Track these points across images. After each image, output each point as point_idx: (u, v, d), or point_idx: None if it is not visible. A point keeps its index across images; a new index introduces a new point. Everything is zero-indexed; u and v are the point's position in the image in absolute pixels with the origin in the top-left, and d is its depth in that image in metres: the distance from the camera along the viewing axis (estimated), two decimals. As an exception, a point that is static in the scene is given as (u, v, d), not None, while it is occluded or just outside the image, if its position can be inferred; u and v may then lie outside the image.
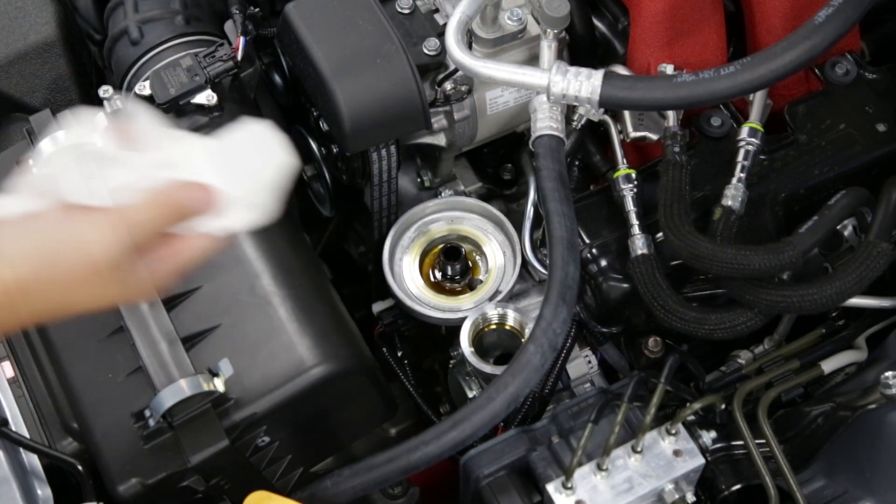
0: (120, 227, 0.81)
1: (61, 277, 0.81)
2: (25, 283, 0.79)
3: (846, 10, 1.06)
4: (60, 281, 0.81)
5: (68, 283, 0.81)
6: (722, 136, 1.27)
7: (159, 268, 0.85)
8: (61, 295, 0.82)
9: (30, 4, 1.44)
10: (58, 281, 0.81)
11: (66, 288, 0.81)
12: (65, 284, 0.81)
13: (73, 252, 0.80)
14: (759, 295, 1.11)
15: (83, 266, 0.81)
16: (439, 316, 1.28)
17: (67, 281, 0.81)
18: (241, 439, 1.09)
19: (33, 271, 0.80)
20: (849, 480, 1.11)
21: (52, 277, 0.80)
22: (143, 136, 0.83)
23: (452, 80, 1.29)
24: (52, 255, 0.80)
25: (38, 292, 0.81)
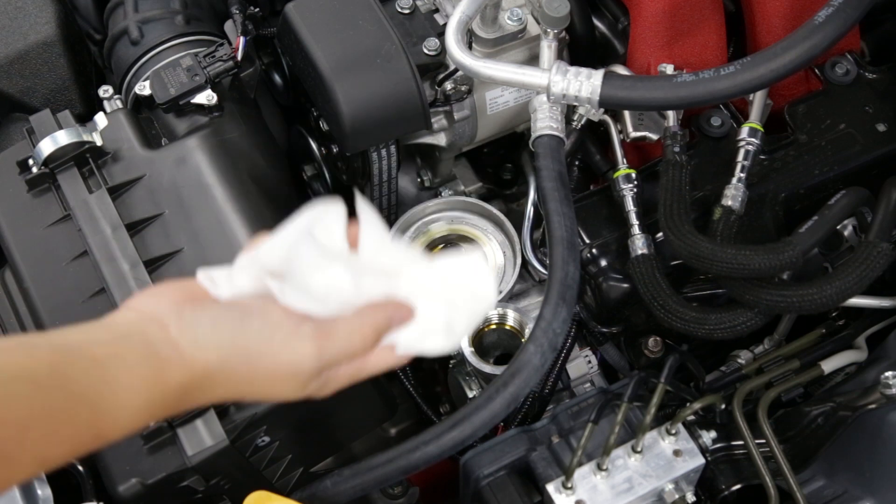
0: (326, 348, 0.82)
1: (252, 376, 0.82)
2: (212, 371, 0.80)
3: (846, 10, 1.06)
4: (249, 379, 0.82)
5: (257, 381, 0.82)
6: (722, 135, 1.27)
7: (343, 375, 0.87)
8: (245, 388, 0.83)
9: (30, 4, 1.44)
10: (247, 378, 0.82)
11: (252, 385, 0.83)
12: (253, 382, 0.82)
13: (275, 357, 0.81)
14: (759, 295, 1.11)
15: (279, 371, 0.82)
16: (439, 316, 1.28)
17: (257, 380, 0.82)
18: (241, 439, 1.08)
19: (223, 363, 0.80)
20: (849, 480, 1.11)
21: (243, 374, 0.81)
22: (368, 243, 0.84)
23: (452, 80, 1.29)
24: (251, 353, 0.81)
25: (224, 382, 0.81)
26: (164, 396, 0.78)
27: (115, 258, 1.13)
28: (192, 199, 1.17)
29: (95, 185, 1.18)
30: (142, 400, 0.77)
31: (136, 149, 1.21)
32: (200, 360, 0.79)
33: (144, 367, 0.77)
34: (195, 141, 1.22)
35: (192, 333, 0.79)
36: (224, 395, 0.83)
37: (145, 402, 0.77)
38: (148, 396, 0.77)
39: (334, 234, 0.83)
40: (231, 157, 1.22)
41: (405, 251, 0.87)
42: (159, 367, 0.77)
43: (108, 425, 0.76)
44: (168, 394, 0.78)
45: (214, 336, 0.80)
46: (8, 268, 1.20)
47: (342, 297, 0.83)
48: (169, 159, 1.20)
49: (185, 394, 0.79)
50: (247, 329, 0.81)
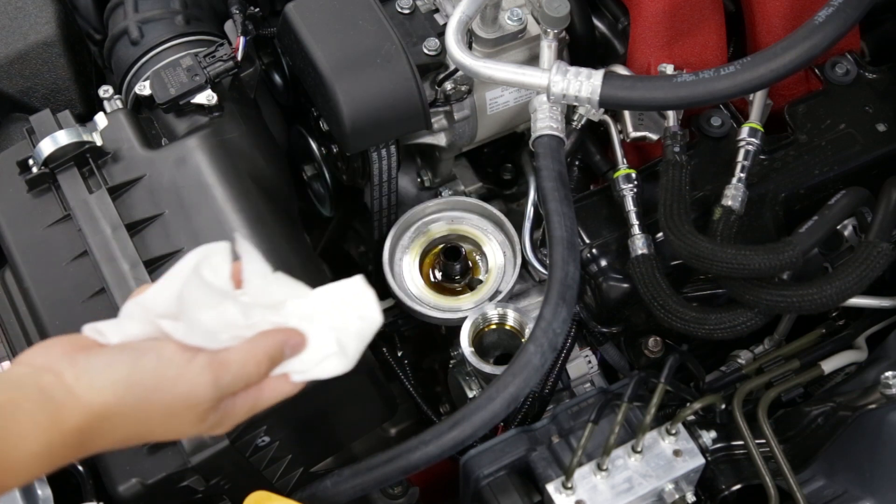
0: (221, 377, 0.83)
1: (149, 412, 0.82)
2: (110, 412, 0.80)
3: (846, 10, 1.06)
4: (147, 415, 0.82)
5: (155, 418, 0.82)
6: (722, 135, 1.27)
7: (240, 406, 0.87)
8: (144, 427, 0.83)
9: (30, 4, 1.44)
10: (145, 414, 0.82)
11: (151, 421, 0.83)
12: (151, 418, 0.82)
13: (170, 391, 0.82)
14: (759, 295, 1.11)
15: (176, 405, 0.82)
16: (439, 316, 1.28)
17: (155, 416, 0.82)
18: (241, 439, 1.08)
19: (119, 402, 0.80)
20: (849, 480, 1.11)
21: (141, 410, 0.82)
22: (252, 279, 0.86)
23: (452, 80, 1.29)
24: (147, 390, 0.81)
25: (122, 421, 0.81)
26: (62, 441, 0.78)
27: (115, 258, 1.13)
28: (192, 199, 1.17)
29: (95, 185, 1.18)
30: (38, 446, 0.77)
31: (136, 149, 1.21)
32: (97, 402, 0.79)
33: (39, 413, 0.77)
34: (195, 141, 1.22)
35: (87, 377, 0.80)
36: (125, 436, 0.83)
37: (42, 448, 0.77)
38: (45, 441, 0.77)
39: (220, 274, 0.85)
40: (231, 157, 1.22)
41: (289, 284, 0.89)
42: (55, 412, 0.78)
43: (4, 472, 0.76)
44: (66, 438, 0.78)
45: (109, 376, 0.80)
46: (8, 268, 1.20)
47: (233, 331, 0.85)
48: (169, 159, 1.20)
49: (83, 437, 0.79)
50: (141, 366, 0.81)
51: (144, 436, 0.85)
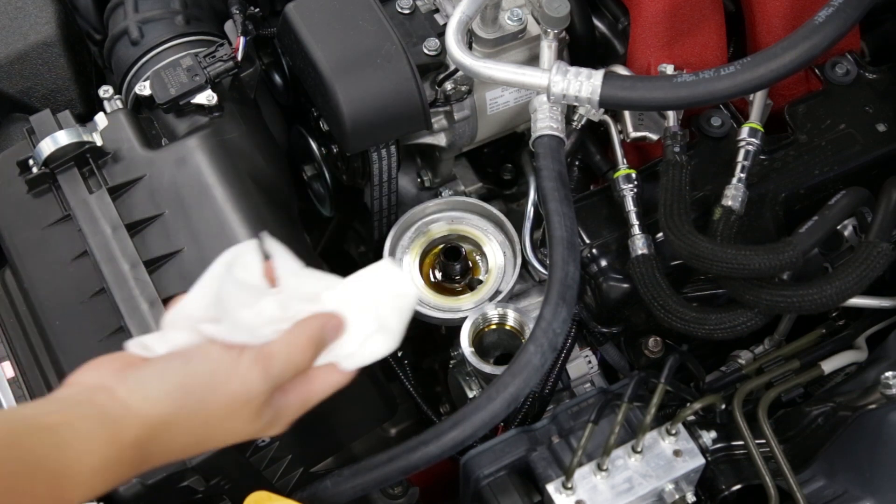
0: (270, 367, 0.84)
1: (206, 415, 0.82)
2: (167, 421, 0.80)
3: (846, 10, 1.06)
4: (205, 419, 0.83)
5: (213, 420, 0.83)
6: (722, 136, 1.27)
7: (293, 401, 0.88)
8: (203, 431, 0.84)
9: (30, 4, 1.44)
10: (202, 418, 0.82)
11: (209, 425, 0.83)
12: (209, 422, 0.83)
13: (224, 390, 0.82)
14: (759, 295, 1.11)
15: (232, 404, 0.83)
16: (439, 316, 1.28)
17: (213, 419, 0.83)
18: (242, 439, 1.09)
19: (176, 410, 0.81)
20: (849, 480, 1.11)
21: (198, 415, 0.82)
22: (285, 275, 0.88)
23: (452, 81, 1.29)
24: (201, 393, 0.82)
25: (181, 429, 0.82)
26: (121, 455, 0.78)
27: (115, 258, 1.13)
28: (192, 200, 1.17)
29: (95, 185, 1.18)
30: (99, 461, 0.77)
31: (136, 149, 1.21)
32: (153, 413, 0.80)
33: (98, 429, 0.78)
34: (195, 141, 1.22)
35: (140, 389, 0.80)
36: (184, 444, 0.84)
37: (102, 463, 0.77)
38: (105, 456, 0.77)
39: (253, 272, 0.86)
40: (231, 157, 1.22)
41: (321, 276, 0.90)
42: (112, 426, 0.78)
43: (68, 491, 0.76)
44: (125, 453, 0.79)
45: (162, 386, 0.81)
46: (8, 268, 1.20)
47: (274, 325, 0.86)
48: (169, 159, 1.20)
49: (143, 451, 0.80)
50: (192, 371, 0.82)
51: (203, 441, 0.85)
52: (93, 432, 0.77)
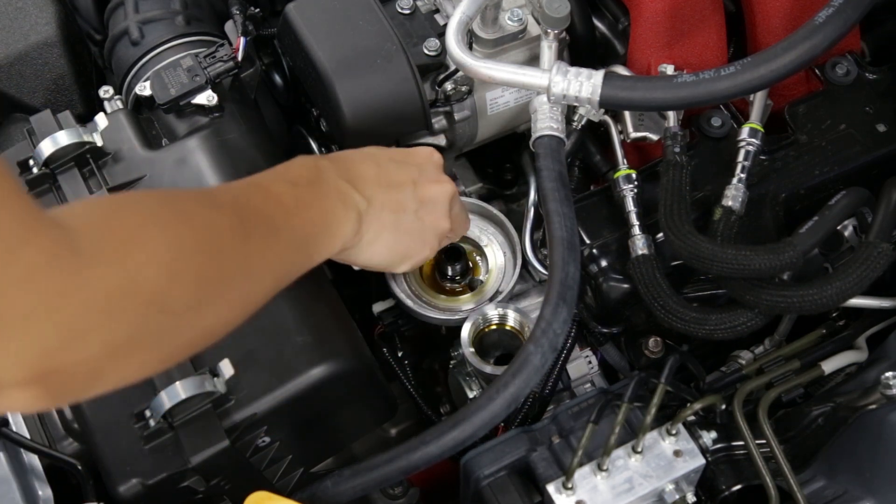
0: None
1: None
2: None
3: (846, 10, 1.06)
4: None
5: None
6: (722, 136, 1.27)
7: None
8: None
9: (30, 4, 1.44)
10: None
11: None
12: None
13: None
14: (759, 295, 1.11)
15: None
16: (440, 316, 1.28)
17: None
18: (242, 440, 1.09)
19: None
20: (849, 480, 1.11)
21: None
22: None
23: (453, 81, 1.29)
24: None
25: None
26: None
27: (115, 258, 1.13)
28: (192, 200, 1.17)
29: (96, 185, 1.18)
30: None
31: (136, 149, 1.22)
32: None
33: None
34: (196, 141, 1.22)
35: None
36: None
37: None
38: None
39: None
40: (231, 157, 1.22)
41: None
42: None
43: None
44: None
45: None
46: (8, 268, 1.20)
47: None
48: (169, 160, 1.20)
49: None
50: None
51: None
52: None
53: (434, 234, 1.15)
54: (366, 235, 1.07)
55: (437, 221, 1.15)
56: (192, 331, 0.82)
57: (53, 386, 0.71)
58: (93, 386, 0.75)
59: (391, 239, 1.10)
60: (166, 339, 0.79)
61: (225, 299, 0.84)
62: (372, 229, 1.07)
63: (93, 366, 0.72)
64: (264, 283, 0.91)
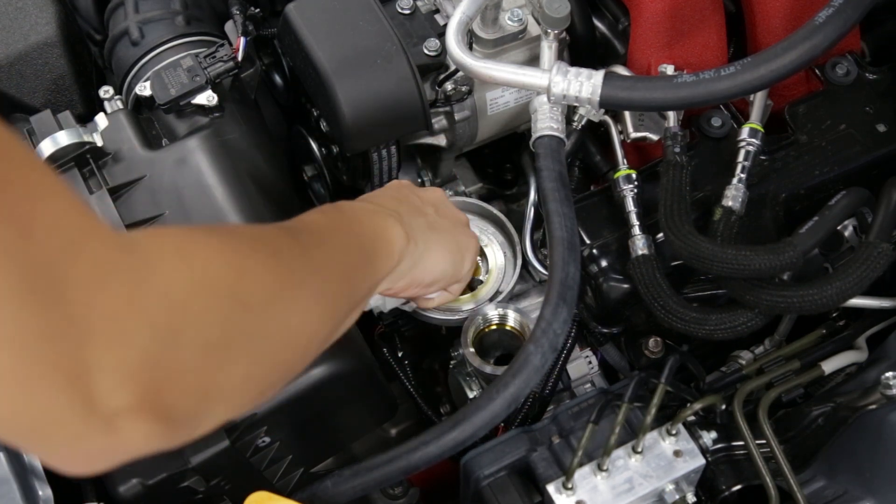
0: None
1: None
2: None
3: (847, 11, 1.06)
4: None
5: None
6: (722, 136, 1.27)
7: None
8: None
9: (30, 4, 1.44)
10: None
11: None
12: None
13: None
14: (759, 295, 1.11)
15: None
16: (440, 317, 1.28)
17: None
18: (242, 440, 1.09)
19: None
20: (849, 480, 1.11)
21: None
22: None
23: (453, 81, 1.29)
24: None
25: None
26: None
27: (115, 259, 1.13)
28: (192, 200, 1.17)
29: (96, 185, 1.18)
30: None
31: (136, 149, 1.22)
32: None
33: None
34: (196, 142, 1.22)
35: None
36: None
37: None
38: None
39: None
40: (231, 157, 1.22)
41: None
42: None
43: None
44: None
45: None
46: (9, 268, 1.20)
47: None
48: (169, 160, 1.20)
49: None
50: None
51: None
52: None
53: (465, 235, 1.20)
54: (419, 243, 1.07)
55: (461, 224, 1.20)
56: (282, 328, 0.78)
57: (168, 406, 0.63)
58: (208, 403, 0.69)
59: (439, 241, 1.12)
60: (258, 337, 0.74)
61: (301, 295, 0.82)
62: (420, 237, 1.08)
63: (199, 373, 0.66)
64: (334, 280, 0.89)
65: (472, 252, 1.19)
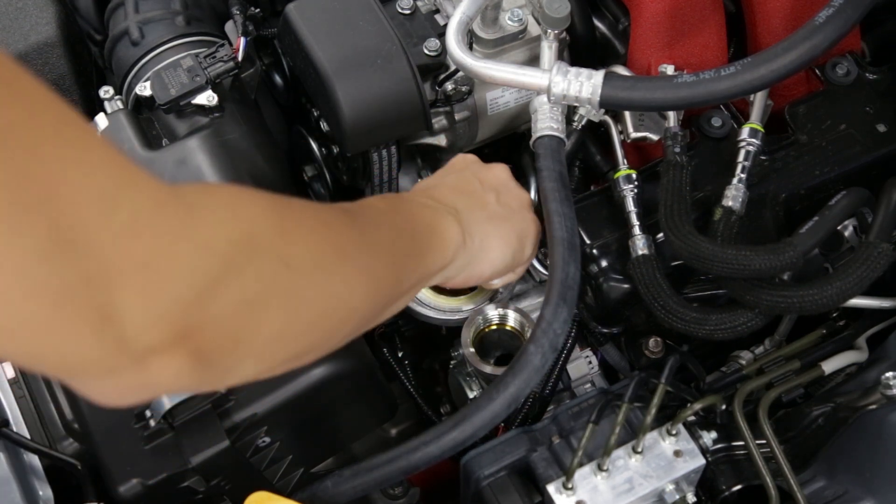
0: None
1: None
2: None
3: (847, 11, 1.06)
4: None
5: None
6: (722, 136, 1.27)
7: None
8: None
9: (30, 5, 1.44)
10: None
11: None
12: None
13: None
14: (759, 295, 1.11)
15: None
16: (440, 317, 1.28)
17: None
18: (242, 440, 1.09)
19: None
20: (849, 481, 1.11)
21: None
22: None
23: (453, 81, 1.29)
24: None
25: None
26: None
27: (115, 259, 1.13)
28: (192, 200, 1.17)
29: (96, 185, 1.18)
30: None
31: (136, 149, 1.21)
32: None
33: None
34: (196, 142, 1.22)
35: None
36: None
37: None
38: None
39: None
40: (231, 157, 1.22)
41: None
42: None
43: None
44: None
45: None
46: (9, 268, 1.20)
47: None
48: (169, 160, 1.20)
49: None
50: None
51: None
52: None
53: (526, 219, 1.16)
54: (476, 239, 1.06)
55: (522, 208, 1.16)
56: (323, 295, 0.78)
57: (200, 349, 0.65)
58: (239, 353, 0.70)
59: (499, 234, 1.09)
60: (298, 298, 0.75)
61: (347, 267, 0.81)
62: (476, 233, 1.06)
63: (233, 323, 0.68)
64: (382, 260, 0.88)
65: (532, 237, 1.15)
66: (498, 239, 1.10)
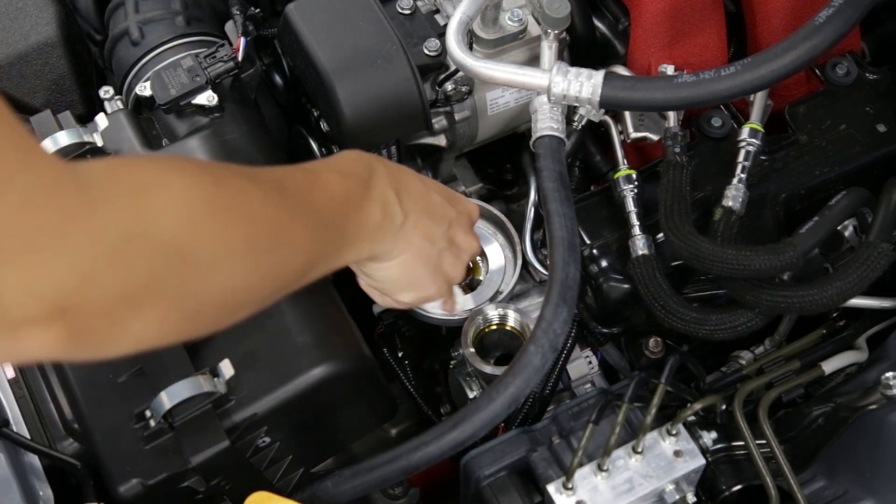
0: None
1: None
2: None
3: (847, 11, 1.06)
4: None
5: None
6: (722, 136, 1.27)
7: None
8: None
9: (30, 5, 1.44)
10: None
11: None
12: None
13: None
14: (759, 295, 1.11)
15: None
16: (440, 317, 1.28)
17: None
18: (242, 440, 1.09)
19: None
20: (849, 481, 1.11)
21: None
22: None
23: (453, 81, 1.29)
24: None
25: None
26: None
27: (115, 259, 1.13)
28: (192, 200, 1.17)
29: (96, 185, 1.18)
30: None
31: (136, 149, 1.21)
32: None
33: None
34: (196, 142, 1.22)
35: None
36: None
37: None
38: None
39: None
40: (231, 157, 1.22)
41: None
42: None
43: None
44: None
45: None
46: (9, 268, 1.20)
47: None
48: (169, 160, 1.20)
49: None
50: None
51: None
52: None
53: (445, 280, 1.12)
54: (393, 251, 1.03)
55: (455, 269, 1.12)
56: (215, 289, 0.77)
57: (74, 326, 0.66)
58: (115, 335, 0.70)
59: (410, 264, 1.06)
60: (188, 292, 0.74)
61: (252, 263, 0.80)
62: (399, 247, 1.03)
63: (112, 310, 0.68)
64: (296, 260, 0.87)
65: (445, 280, 1.12)
66: (403, 268, 1.06)
